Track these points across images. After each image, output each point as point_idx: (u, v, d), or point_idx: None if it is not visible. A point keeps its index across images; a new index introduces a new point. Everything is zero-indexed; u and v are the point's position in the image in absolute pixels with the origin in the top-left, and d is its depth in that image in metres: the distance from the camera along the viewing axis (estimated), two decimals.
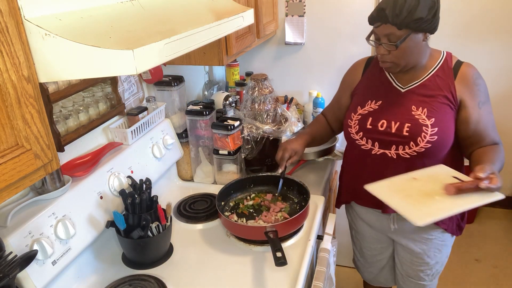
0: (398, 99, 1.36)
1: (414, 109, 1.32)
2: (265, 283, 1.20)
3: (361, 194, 1.39)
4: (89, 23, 0.80)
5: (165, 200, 1.48)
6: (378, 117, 1.37)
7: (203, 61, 1.55)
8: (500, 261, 2.64)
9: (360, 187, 1.31)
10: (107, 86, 1.42)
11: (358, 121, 1.41)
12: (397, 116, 1.34)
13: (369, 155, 1.40)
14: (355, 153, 1.47)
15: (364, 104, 1.42)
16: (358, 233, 1.70)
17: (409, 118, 1.32)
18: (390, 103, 1.37)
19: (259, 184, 1.61)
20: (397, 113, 1.35)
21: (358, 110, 1.42)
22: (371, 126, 1.38)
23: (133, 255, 1.28)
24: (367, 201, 1.51)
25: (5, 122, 0.68)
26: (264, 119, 1.72)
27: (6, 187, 0.70)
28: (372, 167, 1.41)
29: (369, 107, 1.41)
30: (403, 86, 1.37)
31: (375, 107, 1.39)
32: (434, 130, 1.29)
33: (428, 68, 1.34)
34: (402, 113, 1.34)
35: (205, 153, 1.72)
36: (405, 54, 1.26)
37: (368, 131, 1.39)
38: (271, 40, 2.31)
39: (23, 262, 0.93)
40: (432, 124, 1.29)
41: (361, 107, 1.42)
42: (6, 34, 0.66)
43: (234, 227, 1.38)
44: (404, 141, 1.33)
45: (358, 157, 1.46)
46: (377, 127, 1.37)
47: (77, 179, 1.22)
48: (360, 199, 1.55)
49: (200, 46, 0.97)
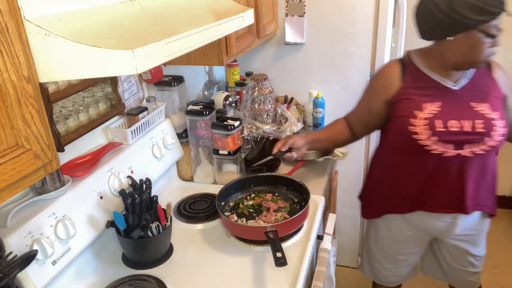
0: (455, 98, 1.34)
1: (475, 105, 1.32)
2: (265, 283, 1.20)
3: (431, 201, 1.42)
4: (89, 23, 0.80)
5: (165, 200, 1.48)
6: (446, 118, 1.32)
7: (203, 61, 1.55)
8: (500, 261, 2.64)
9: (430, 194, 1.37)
10: (107, 86, 1.42)
11: (426, 126, 1.32)
12: (464, 115, 1.32)
13: (441, 159, 1.34)
14: (418, 160, 1.38)
15: (422, 108, 1.34)
16: (394, 241, 1.60)
17: (477, 115, 1.31)
18: (449, 103, 1.33)
19: (259, 184, 1.61)
20: (462, 112, 1.32)
21: (418, 115, 1.33)
22: (444, 129, 1.31)
23: (133, 255, 1.28)
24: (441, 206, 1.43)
25: (5, 122, 0.68)
26: (264, 119, 1.72)
27: (6, 187, 0.70)
28: (445, 170, 1.36)
29: (429, 109, 1.33)
30: (454, 83, 1.35)
31: (437, 109, 1.33)
32: (502, 123, 1.31)
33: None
34: (466, 111, 1.32)
35: (205, 153, 1.72)
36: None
37: (441, 134, 1.32)
38: (271, 40, 2.31)
39: (23, 262, 0.93)
40: (497, 117, 1.31)
41: (421, 111, 1.33)
42: (6, 34, 0.66)
43: (234, 227, 1.38)
44: (478, 138, 1.31)
45: (423, 163, 1.38)
46: (448, 129, 1.31)
47: (77, 179, 1.22)
48: (430, 206, 1.45)
49: (200, 46, 0.97)
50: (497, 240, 2.83)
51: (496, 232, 2.91)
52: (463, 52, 1.28)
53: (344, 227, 2.54)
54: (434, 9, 1.25)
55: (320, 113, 2.22)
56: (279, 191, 1.58)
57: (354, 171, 2.40)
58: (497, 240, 2.83)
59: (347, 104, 2.29)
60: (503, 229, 2.95)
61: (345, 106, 2.30)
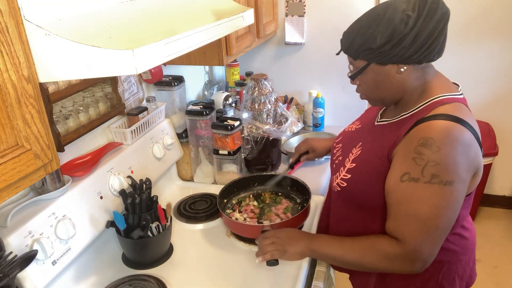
0: (366, 130, 1.18)
1: (358, 146, 1.13)
2: (265, 283, 1.20)
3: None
4: (89, 23, 0.80)
5: (165, 200, 1.48)
6: (342, 140, 1.26)
7: (203, 61, 1.55)
8: (500, 261, 2.63)
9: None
10: (107, 86, 1.42)
11: (337, 136, 1.33)
12: (346, 145, 1.20)
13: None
14: None
15: (354, 122, 1.29)
16: None
17: (347, 153, 1.16)
18: (361, 131, 1.21)
19: (263, 183, 1.61)
20: (350, 143, 1.19)
21: (348, 126, 1.31)
22: (334, 145, 1.28)
23: (133, 255, 1.28)
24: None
25: (5, 122, 0.68)
26: (264, 119, 1.72)
27: (6, 187, 0.70)
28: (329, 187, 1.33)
29: (351, 126, 1.28)
30: (380, 119, 1.15)
31: (352, 129, 1.25)
32: (347, 176, 1.11)
33: (408, 108, 1.04)
34: (351, 144, 1.18)
35: (205, 153, 1.72)
36: (374, 87, 1.04)
37: (332, 149, 1.30)
38: (271, 40, 2.31)
39: (23, 262, 0.93)
40: (349, 168, 1.11)
41: (351, 124, 1.30)
42: (6, 34, 0.66)
43: (233, 225, 1.38)
44: (333, 172, 1.23)
45: None
46: (334, 148, 1.27)
47: (77, 179, 1.22)
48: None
49: (200, 46, 0.97)
50: (497, 240, 2.82)
51: (496, 232, 2.90)
52: None
53: None
54: None
55: (320, 113, 2.22)
56: (282, 190, 1.58)
57: None
58: (497, 240, 2.83)
59: (347, 104, 2.30)
60: (503, 229, 2.95)
61: (345, 106, 2.31)
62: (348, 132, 1.26)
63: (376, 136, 1.10)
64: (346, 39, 1.02)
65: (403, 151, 0.98)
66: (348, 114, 1.65)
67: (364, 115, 1.30)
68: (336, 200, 1.21)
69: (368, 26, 0.96)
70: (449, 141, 0.92)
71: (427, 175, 0.92)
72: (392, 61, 0.97)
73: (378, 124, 1.13)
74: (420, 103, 1.02)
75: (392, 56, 0.96)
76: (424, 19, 0.92)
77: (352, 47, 1.00)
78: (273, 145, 1.74)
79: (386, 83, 1.02)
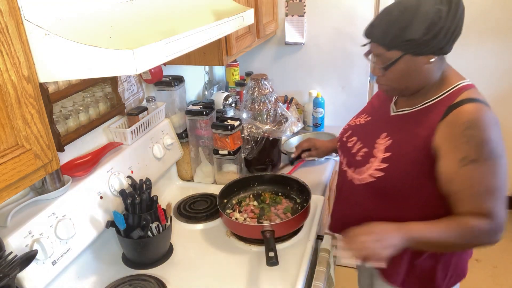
0: (382, 121, 1.20)
1: (383, 137, 1.15)
2: (265, 283, 1.20)
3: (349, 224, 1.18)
4: (89, 23, 0.80)
5: (165, 200, 1.48)
6: (354, 133, 1.25)
7: (203, 61, 1.55)
8: (500, 261, 2.63)
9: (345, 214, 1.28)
10: (107, 86, 1.42)
11: (342, 131, 1.32)
12: (365, 137, 1.21)
13: (340, 169, 1.30)
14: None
15: (359, 115, 1.31)
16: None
17: (371, 144, 1.17)
18: (374, 122, 1.23)
19: (263, 183, 1.61)
20: (368, 135, 1.20)
21: (351, 120, 1.33)
22: (345, 139, 1.27)
23: (133, 255, 1.28)
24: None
25: (5, 122, 0.68)
26: (264, 119, 1.72)
27: (6, 187, 0.70)
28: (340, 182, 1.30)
29: (358, 120, 1.29)
30: (396, 109, 1.18)
31: (361, 122, 1.27)
32: (382, 166, 1.11)
33: (429, 96, 1.10)
34: (371, 135, 1.18)
35: (205, 153, 1.72)
36: (402, 78, 1.07)
37: (342, 144, 1.28)
38: (271, 40, 2.31)
39: (23, 262, 0.93)
40: (384, 158, 1.11)
41: (355, 118, 1.32)
42: (6, 34, 0.66)
43: (233, 225, 1.38)
44: (356, 165, 1.19)
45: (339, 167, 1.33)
46: (347, 142, 1.26)
47: (77, 179, 1.22)
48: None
49: (200, 46, 0.97)
50: None
51: None
52: None
53: None
54: None
55: (320, 113, 2.22)
56: (282, 190, 1.58)
57: None
58: None
59: (347, 104, 2.31)
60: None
61: (345, 106, 2.31)
62: (358, 126, 1.27)
63: (401, 125, 1.14)
64: (378, 30, 1.04)
65: (449, 138, 1.02)
66: (348, 114, 1.65)
67: (368, 109, 1.30)
68: (363, 191, 1.19)
69: (402, 18, 0.99)
70: (489, 120, 1.01)
71: (484, 153, 1.00)
72: (427, 52, 1.02)
73: (397, 114, 1.17)
74: (442, 91, 1.08)
75: (430, 47, 1.01)
76: (453, 12, 0.99)
77: (387, 38, 1.02)
78: (273, 145, 1.74)
79: (414, 74, 1.06)
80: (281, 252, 1.25)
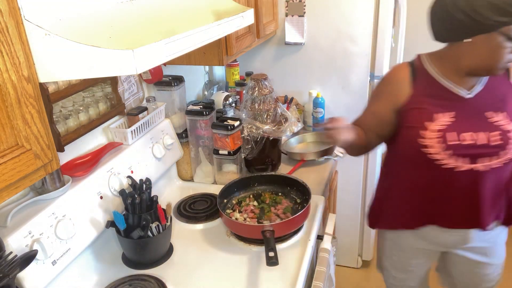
0: (469, 107, 1.24)
1: (491, 116, 1.22)
2: (265, 283, 1.20)
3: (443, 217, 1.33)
4: (89, 23, 0.80)
5: (165, 200, 1.48)
6: (460, 131, 1.23)
7: (203, 61, 1.55)
8: None
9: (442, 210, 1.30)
10: (107, 86, 1.42)
11: (438, 138, 1.23)
12: (479, 126, 1.22)
13: (453, 174, 1.24)
14: (427, 174, 1.29)
15: (433, 119, 1.24)
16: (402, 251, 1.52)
17: (492, 127, 1.21)
18: (463, 113, 1.24)
19: (263, 183, 1.61)
20: (476, 123, 1.23)
21: (429, 126, 1.24)
22: (457, 142, 1.22)
23: (133, 255, 1.28)
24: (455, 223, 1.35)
25: (5, 122, 0.68)
26: (264, 119, 1.72)
27: (6, 187, 0.70)
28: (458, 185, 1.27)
29: (442, 121, 1.24)
30: (468, 91, 1.25)
31: (450, 120, 1.23)
32: None
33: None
34: (481, 122, 1.22)
35: (205, 153, 1.72)
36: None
37: (454, 148, 1.22)
38: (271, 40, 2.31)
39: (23, 262, 0.93)
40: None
41: (432, 123, 1.24)
42: (6, 34, 0.66)
43: (233, 225, 1.38)
44: (494, 152, 1.22)
45: (434, 177, 1.28)
46: (462, 142, 1.22)
47: (77, 179, 1.22)
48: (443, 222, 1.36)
49: (200, 46, 0.97)
50: None
51: None
52: (481, 56, 1.17)
53: (344, 227, 2.54)
54: (452, 8, 1.15)
55: (320, 113, 2.22)
56: (282, 190, 1.58)
57: (354, 171, 2.40)
58: None
59: (347, 104, 2.30)
60: None
61: (345, 106, 2.31)
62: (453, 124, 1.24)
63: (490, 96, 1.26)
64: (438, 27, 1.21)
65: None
66: (348, 114, 1.64)
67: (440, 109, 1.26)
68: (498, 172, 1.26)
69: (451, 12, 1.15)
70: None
71: None
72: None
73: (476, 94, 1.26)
74: None
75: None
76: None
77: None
78: (273, 145, 1.74)
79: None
80: (281, 252, 1.25)
